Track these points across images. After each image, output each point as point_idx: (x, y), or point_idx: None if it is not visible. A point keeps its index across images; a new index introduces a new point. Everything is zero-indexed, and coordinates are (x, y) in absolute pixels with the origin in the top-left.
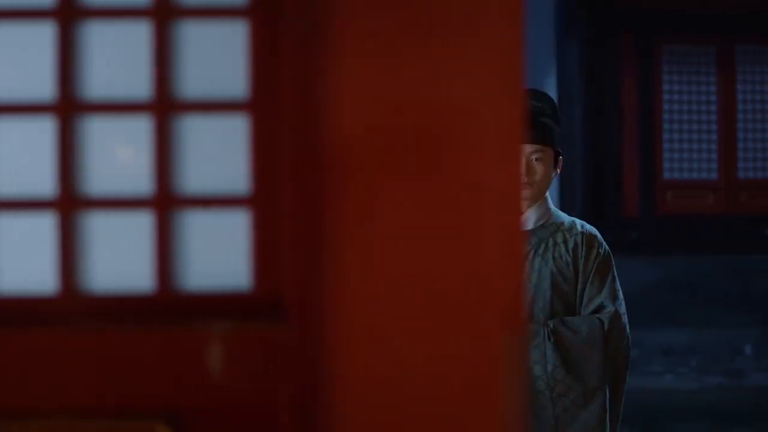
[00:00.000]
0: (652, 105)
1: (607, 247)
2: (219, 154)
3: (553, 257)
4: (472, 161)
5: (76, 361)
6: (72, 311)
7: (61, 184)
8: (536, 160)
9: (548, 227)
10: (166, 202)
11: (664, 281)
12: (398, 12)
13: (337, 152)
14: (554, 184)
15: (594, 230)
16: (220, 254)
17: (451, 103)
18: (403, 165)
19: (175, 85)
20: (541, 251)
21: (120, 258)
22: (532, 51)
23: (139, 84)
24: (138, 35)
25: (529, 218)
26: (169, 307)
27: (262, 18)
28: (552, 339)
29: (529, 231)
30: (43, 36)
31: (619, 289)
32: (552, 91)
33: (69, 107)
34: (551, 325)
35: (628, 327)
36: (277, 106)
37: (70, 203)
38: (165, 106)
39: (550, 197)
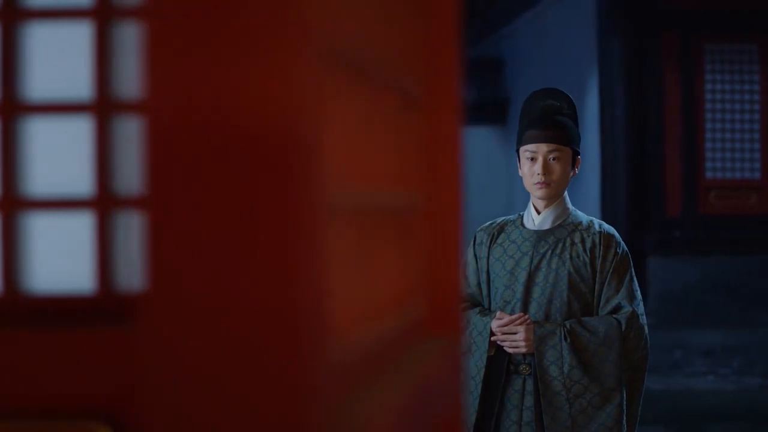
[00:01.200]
0: (694, 104)
1: (626, 247)
2: (65, 155)
3: (571, 257)
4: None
5: None
6: None
7: None
8: (554, 159)
9: (566, 227)
10: (11, 203)
11: (706, 281)
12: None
13: (162, 151)
14: (596, 184)
15: (612, 230)
16: (65, 257)
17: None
18: (222, 164)
19: (21, 87)
20: (558, 251)
21: None
22: (573, 51)
23: None
24: None
25: (547, 218)
26: (14, 310)
27: (105, 18)
28: (568, 339)
29: (546, 230)
30: None
31: (638, 289)
32: (594, 92)
33: None
34: (568, 326)
35: (646, 328)
36: (114, 108)
37: None
38: (9, 108)
39: (592, 195)
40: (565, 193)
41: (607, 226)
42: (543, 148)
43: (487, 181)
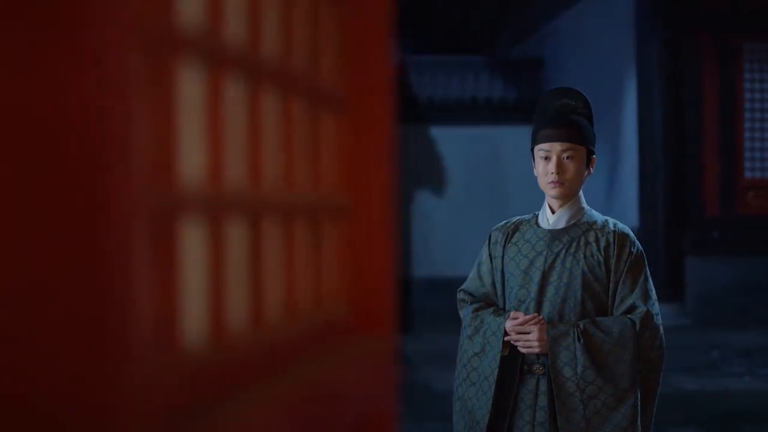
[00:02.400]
0: (733, 104)
1: (640, 247)
2: None
3: (585, 256)
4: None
5: None
6: None
7: None
8: (567, 158)
9: (580, 226)
10: None
11: (744, 281)
12: None
13: None
14: (634, 184)
15: (627, 229)
16: None
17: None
18: (20, 158)
19: None
20: (572, 250)
21: None
22: (611, 51)
23: None
24: None
25: (561, 217)
26: None
27: None
28: (582, 340)
29: (560, 230)
30: None
31: (652, 289)
32: (632, 92)
33: None
34: (581, 326)
35: (661, 328)
36: None
37: None
38: None
39: (630, 195)
40: (581, 192)
41: (621, 226)
42: (557, 147)
43: (527, 181)
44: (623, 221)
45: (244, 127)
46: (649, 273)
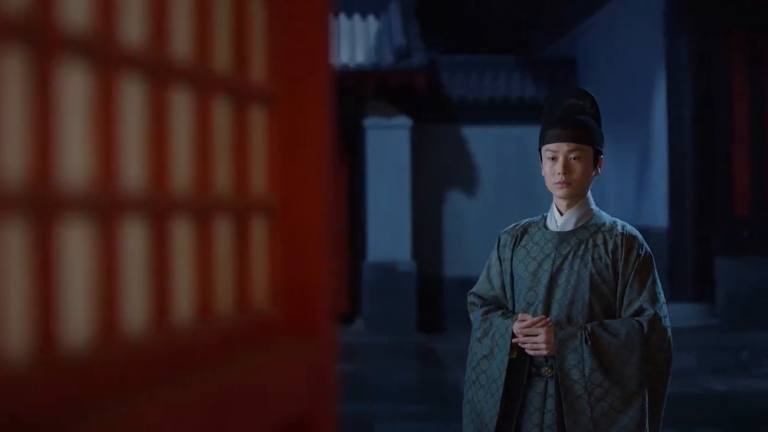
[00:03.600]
0: (763, 103)
1: (648, 249)
2: None
3: (593, 258)
4: None
5: None
6: None
7: None
8: (574, 158)
9: (589, 228)
10: None
11: None
12: None
13: None
14: (663, 183)
15: (635, 231)
16: None
17: None
18: None
19: None
20: (580, 252)
21: None
22: (641, 50)
23: None
24: None
25: (570, 219)
26: None
27: None
28: (589, 342)
29: (569, 232)
30: None
31: (661, 291)
32: (662, 90)
33: None
34: (589, 329)
35: (669, 330)
36: None
37: None
38: None
39: (659, 195)
40: (589, 193)
41: (630, 228)
42: (563, 147)
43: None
44: (653, 221)
45: (146, 127)
46: (657, 275)
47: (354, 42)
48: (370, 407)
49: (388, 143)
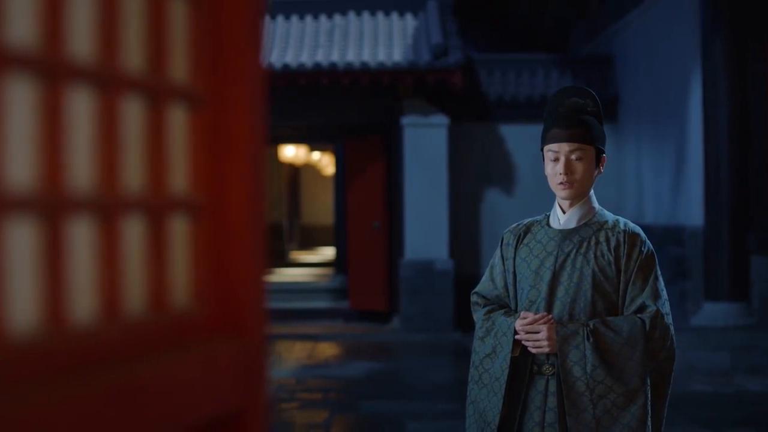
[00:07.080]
0: None
1: (651, 246)
2: None
3: (595, 256)
4: None
5: None
6: None
7: None
8: (576, 158)
9: (591, 226)
10: None
11: None
12: None
13: None
14: (699, 183)
15: (637, 229)
16: None
17: None
18: None
19: None
20: (583, 250)
21: None
22: (677, 50)
23: None
24: None
25: (572, 217)
26: None
27: None
28: (591, 339)
29: (571, 230)
30: None
31: (663, 288)
32: (697, 91)
33: None
34: (591, 326)
35: (672, 327)
36: None
37: None
38: None
39: (695, 194)
40: (592, 191)
41: (632, 225)
42: (565, 147)
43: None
44: (688, 221)
45: (38, 126)
46: (659, 272)
47: (391, 40)
48: (404, 405)
49: (426, 141)
